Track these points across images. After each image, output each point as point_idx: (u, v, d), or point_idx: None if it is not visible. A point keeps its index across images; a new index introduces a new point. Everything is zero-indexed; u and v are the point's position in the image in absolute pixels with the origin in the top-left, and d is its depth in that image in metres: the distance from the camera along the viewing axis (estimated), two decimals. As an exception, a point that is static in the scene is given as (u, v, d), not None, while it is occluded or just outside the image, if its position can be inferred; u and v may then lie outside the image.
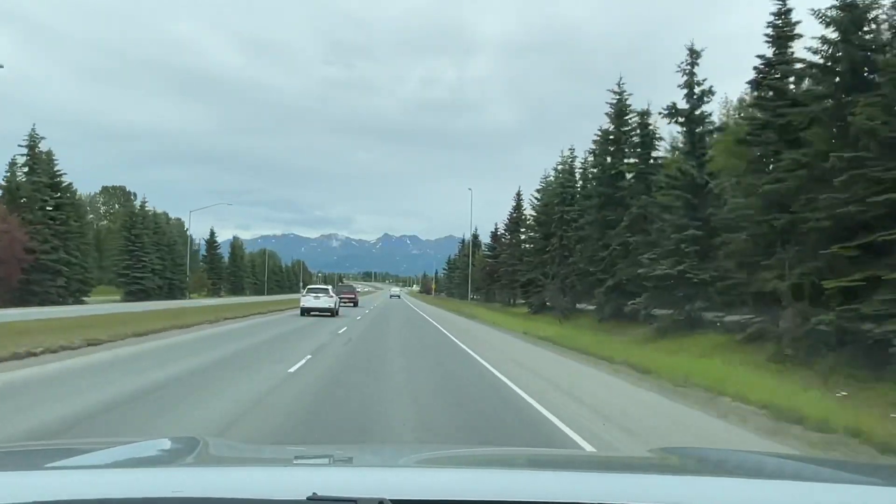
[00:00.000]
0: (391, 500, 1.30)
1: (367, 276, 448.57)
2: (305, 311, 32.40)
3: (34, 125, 47.67)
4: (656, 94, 66.03)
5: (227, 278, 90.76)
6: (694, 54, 24.25)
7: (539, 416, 8.68)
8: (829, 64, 16.09)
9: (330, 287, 41.93)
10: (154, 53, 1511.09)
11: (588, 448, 6.76)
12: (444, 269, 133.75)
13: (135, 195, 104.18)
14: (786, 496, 1.53)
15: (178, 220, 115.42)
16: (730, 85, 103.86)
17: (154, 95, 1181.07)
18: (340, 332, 22.80)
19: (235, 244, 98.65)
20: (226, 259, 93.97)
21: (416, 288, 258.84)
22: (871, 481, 1.82)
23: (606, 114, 33.41)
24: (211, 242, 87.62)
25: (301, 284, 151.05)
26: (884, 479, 1.96)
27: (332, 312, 32.85)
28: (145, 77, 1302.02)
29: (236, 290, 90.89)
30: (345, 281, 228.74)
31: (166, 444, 2.28)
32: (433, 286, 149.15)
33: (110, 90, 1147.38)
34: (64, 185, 48.88)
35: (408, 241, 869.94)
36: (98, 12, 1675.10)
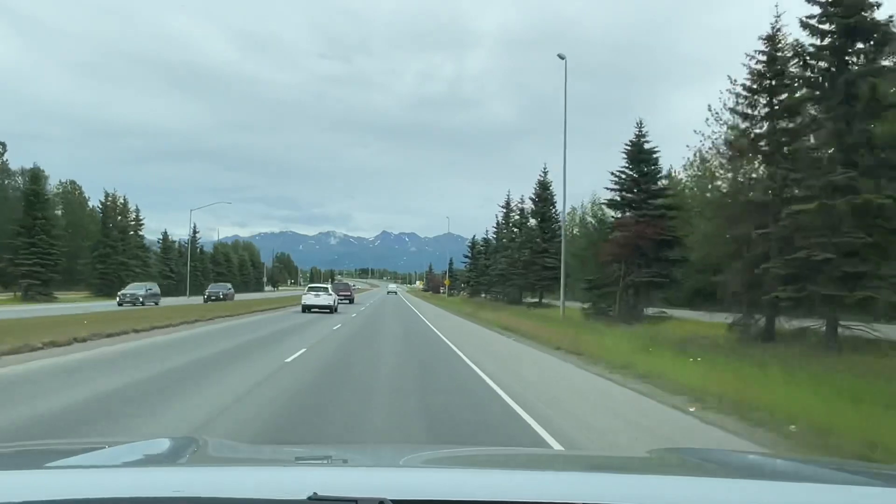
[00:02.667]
0: (392, 501, 1.26)
1: (364, 273, 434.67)
2: (306, 308, 33.89)
3: None
4: None
5: (90, 266, 56.55)
6: None
7: None
8: None
9: (329, 286, 43.87)
10: (148, 48, 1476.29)
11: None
12: (466, 257, 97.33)
13: (4, 146, 71.17)
14: (786, 497, 1.48)
15: (76, 185, 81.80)
16: None
17: (148, 91, 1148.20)
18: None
19: (106, 207, 58.72)
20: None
21: (418, 285, 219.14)
22: (870, 482, 1.77)
23: None
24: (32, 195, 48.27)
25: (265, 282, 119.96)
26: (884, 480, 1.88)
27: (332, 309, 34.29)
28: (139, 72, 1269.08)
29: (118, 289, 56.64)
30: (338, 278, 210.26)
31: (166, 443, 2.28)
32: (445, 282, 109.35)
33: (104, 86, 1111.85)
34: None
35: (406, 239, 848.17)
36: (92, 7, 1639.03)
